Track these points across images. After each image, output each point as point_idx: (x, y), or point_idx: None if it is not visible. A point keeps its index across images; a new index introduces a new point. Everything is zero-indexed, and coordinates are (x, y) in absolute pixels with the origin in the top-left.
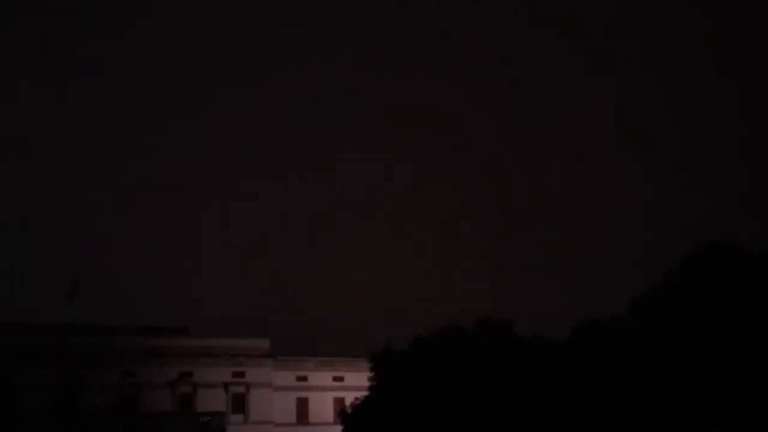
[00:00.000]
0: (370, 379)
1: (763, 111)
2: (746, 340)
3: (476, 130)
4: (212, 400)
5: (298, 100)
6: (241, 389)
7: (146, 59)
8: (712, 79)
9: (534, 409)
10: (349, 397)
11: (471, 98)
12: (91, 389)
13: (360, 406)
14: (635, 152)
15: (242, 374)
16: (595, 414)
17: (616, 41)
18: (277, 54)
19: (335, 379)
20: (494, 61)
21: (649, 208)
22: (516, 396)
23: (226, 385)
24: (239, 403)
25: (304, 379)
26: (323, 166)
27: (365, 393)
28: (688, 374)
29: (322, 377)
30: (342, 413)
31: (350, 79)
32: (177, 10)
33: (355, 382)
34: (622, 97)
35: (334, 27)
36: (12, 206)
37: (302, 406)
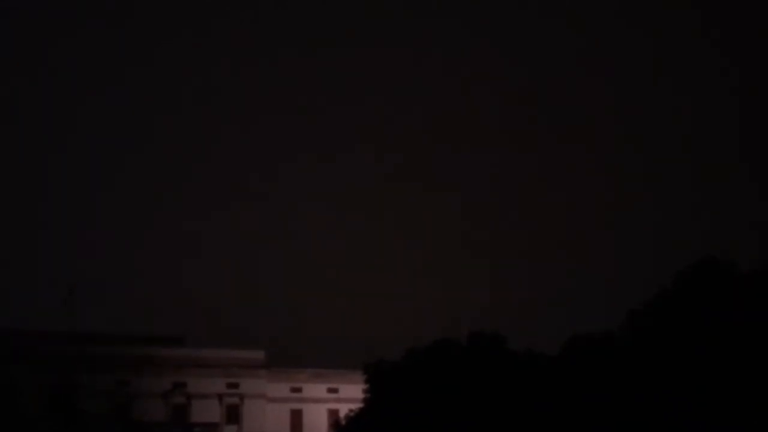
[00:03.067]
0: (364, 390)
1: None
2: (737, 356)
3: (476, 136)
4: (206, 411)
5: (297, 101)
6: (235, 400)
7: (144, 57)
8: (715, 82)
9: (526, 422)
10: (344, 409)
11: (472, 102)
12: (86, 397)
13: (354, 419)
14: (635, 162)
15: (236, 385)
16: (587, 429)
17: (617, 41)
18: (276, 50)
19: (329, 390)
20: (497, 64)
21: (647, 221)
22: (508, 409)
23: (220, 396)
24: (233, 415)
25: (299, 390)
26: (322, 169)
27: (360, 405)
28: (678, 389)
29: (316, 389)
30: (336, 425)
31: (350, 79)
32: (174, 7)
33: (350, 394)
34: (624, 102)
35: (335, 25)
36: (10, 213)
37: (296, 417)
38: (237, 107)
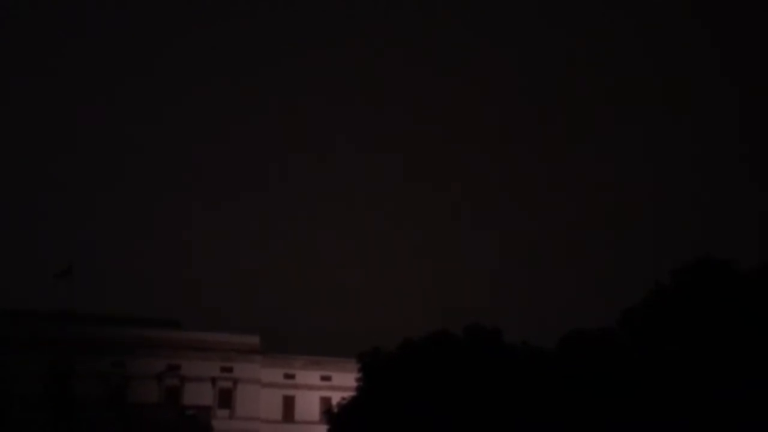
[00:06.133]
0: (357, 379)
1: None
2: (732, 353)
3: (478, 128)
4: (199, 394)
5: (296, 95)
6: (228, 384)
7: (145, 53)
8: (716, 86)
9: (520, 416)
10: (336, 397)
11: (472, 101)
12: (80, 378)
13: (346, 407)
14: (635, 159)
15: (230, 369)
16: (581, 423)
17: (617, 41)
18: (275, 47)
19: (323, 378)
20: (497, 59)
21: (648, 218)
22: (502, 402)
23: (213, 380)
24: (226, 398)
25: (292, 377)
26: (320, 163)
27: (352, 393)
28: (674, 386)
29: (309, 376)
30: (328, 412)
31: (349, 74)
32: (174, 5)
33: (343, 382)
34: (624, 101)
35: (335, 22)
36: (8, 194)
37: (289, 403)
38: (235, 101)
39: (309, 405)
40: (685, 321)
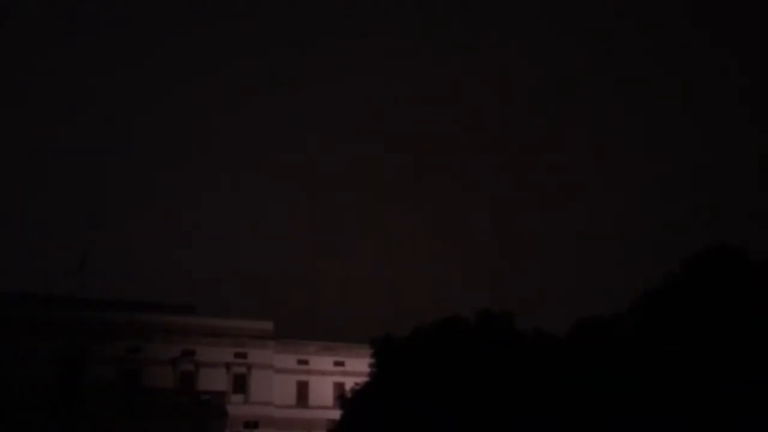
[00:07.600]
0: (370, 365)
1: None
2: (743, 343)
3: (480, 125)
4: (214, 379)
5: (296, 95)
6: (242, 370)
7: (145, 52)
8: (716, 86)
9: (530, 401)
10: (349, 382)
11: (474, 99)
12: (95, 363)
13: (359, 392)
14: (644, 151)
15: (244, 355)
16: (591, 411)
17: (618, 40)
18: (275, 47)
19: (336, 363)
20: (497, 59)
21: (659, 207)
22: (513, 388)
23: (227, 365)
24: (240, 384)
25: (305, 362)
26: (326, 155)
27: (365, 379)
28: (684, 374)
29: (323, 361)
30: (341, 398)
31: (349, 74)
32: (174, 5)
33: (356, 368)
34: (627, 97)
35: (335, 22)
36: (22, 178)
37: (302, 389)
38: (243, 102)
39: (322, 390)
40: (696, 308)
